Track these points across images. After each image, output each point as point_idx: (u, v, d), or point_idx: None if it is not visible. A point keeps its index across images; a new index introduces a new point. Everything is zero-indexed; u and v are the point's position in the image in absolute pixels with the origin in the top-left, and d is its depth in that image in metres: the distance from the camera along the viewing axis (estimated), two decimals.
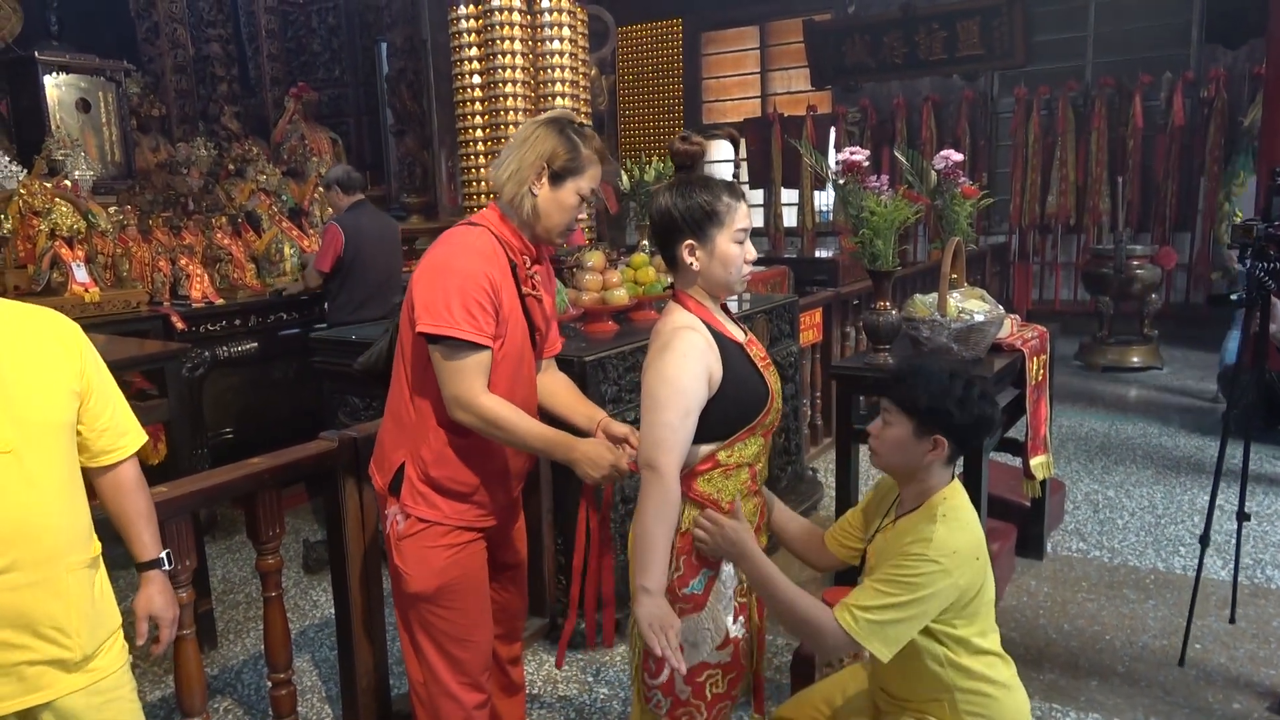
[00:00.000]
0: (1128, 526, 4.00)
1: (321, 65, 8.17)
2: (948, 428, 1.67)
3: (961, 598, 1.64)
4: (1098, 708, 2.68)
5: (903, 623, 1.60)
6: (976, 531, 1.69)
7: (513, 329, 1.93)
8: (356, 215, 4.53)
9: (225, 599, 3.61)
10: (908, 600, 1.59)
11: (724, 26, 10.70)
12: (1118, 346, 7.12)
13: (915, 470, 1.72)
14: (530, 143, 1.92)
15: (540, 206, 1.92)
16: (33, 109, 5.75)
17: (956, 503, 1.70)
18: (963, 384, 1.69)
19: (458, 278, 1.82)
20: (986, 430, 1.74)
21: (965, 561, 1.62)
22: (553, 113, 2.01)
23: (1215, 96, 7.79)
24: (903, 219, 2.84)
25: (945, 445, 1.68)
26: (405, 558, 1.96)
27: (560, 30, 4.25)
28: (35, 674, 1.49)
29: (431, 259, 1.89)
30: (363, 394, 3.58)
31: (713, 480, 1.76)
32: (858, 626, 1.60)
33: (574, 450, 1.89)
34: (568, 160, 1.90)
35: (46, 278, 4.13)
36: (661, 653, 1.61)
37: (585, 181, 1.94)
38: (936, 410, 1.66)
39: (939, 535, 1.62)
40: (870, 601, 1.60)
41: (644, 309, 3.56)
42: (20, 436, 1.46)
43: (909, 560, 1.60)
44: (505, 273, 1.91)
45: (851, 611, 1.61)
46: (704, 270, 1.75)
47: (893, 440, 1.72)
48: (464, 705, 2.02)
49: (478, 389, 1.83)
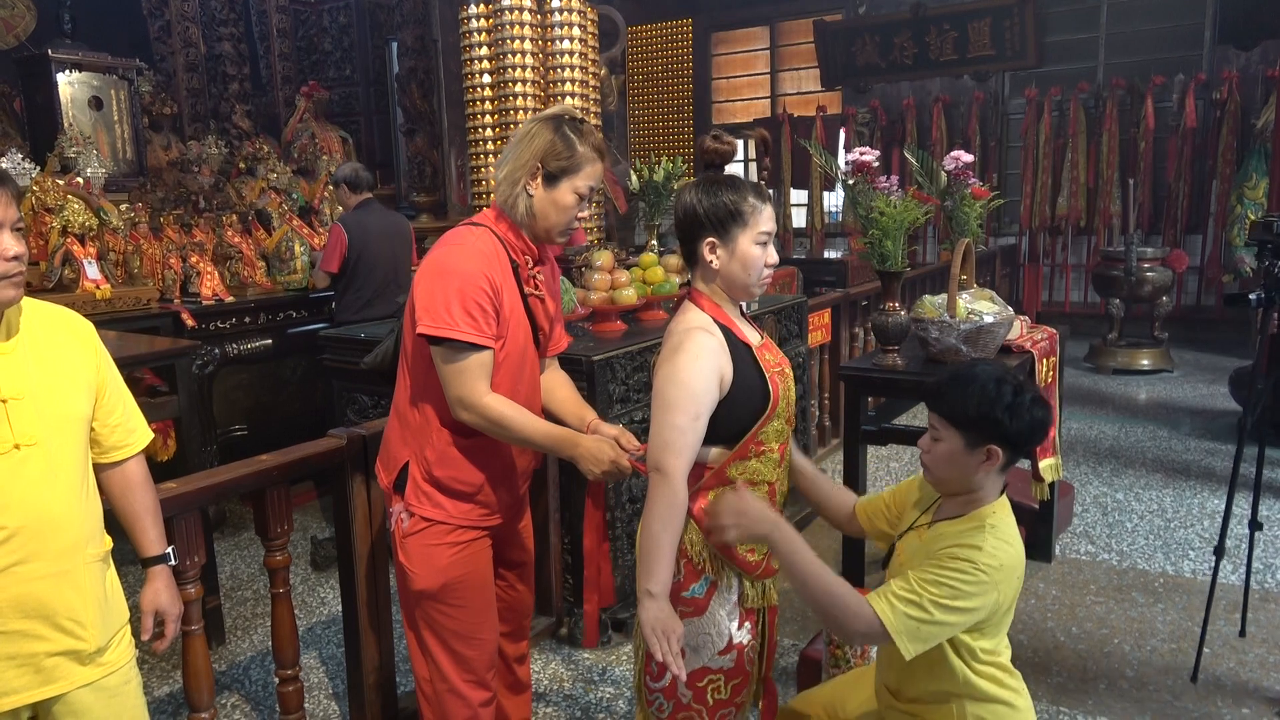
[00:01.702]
0: (1137, 530, 3.98)
1: (332, 64, 8.20)
2: (1000, 436, 1.60)
3: (994, 614, 1.61)
4: (1105, 711, 2.66)
5: (939, 625, 1.55)
6: (1021, 550, 1.64)
7: (514, 329, 1.92)
8: (362, 215, 4.53)
9: (233, 595, 3.62)
10: (950, 605, 1.54)
11: (734, 27, 10.69)
12: (1128, 349, 7.08)
13: (969, 483, 1.66)
14: (526, 141, 1.90)
15: (536, 206, 1.91)
16: (46, 106, 5.78)
17: (1004, 517, 1.65)
18: (1012, 389, 1.61)
19: (457, 279, 1.81)
20: (1042, 434, 1.65)
21: (1009, 578, 1.59)
22: (553, 109, 1.97)
23: (1227, 98, 7.74)
24: (912, 220, 2.83)
25: (1000, 454, 1.61)
26: (410, 556, 1.96)
27: (570, 30, 4.25)
28: (52, 665, 1.51)
29: (431, 261, 1.89)
30: (371, 392, 3.59)
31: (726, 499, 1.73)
32: (894, 618, 1.54)
33: (577, 447, 1.89)
34: (562, 160, 1.88)
35: (58, 274, 4.16)
36: (662, 657, 1.60)
37: (582, 180, 1.91)
38: (987, 419, 1.59)
39: (990, 546, 1.57)
40: (913, 597, 1.55)
41: (652, 309, 3.56)
42: (45, 430, 1.49)
43: (958, 564, 1.55)
44: (507, 273, 1.90)
45: (890, 601, 1.56)
46: (723, 269, 1.74)
47: (944, 455, 1.65)
48: (470, 702, 2.02)
49: (481, 390, 1.83)
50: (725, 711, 1.81)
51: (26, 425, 1.47)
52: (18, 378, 1.48)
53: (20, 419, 1.46)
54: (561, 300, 2.21)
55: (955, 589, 1.54)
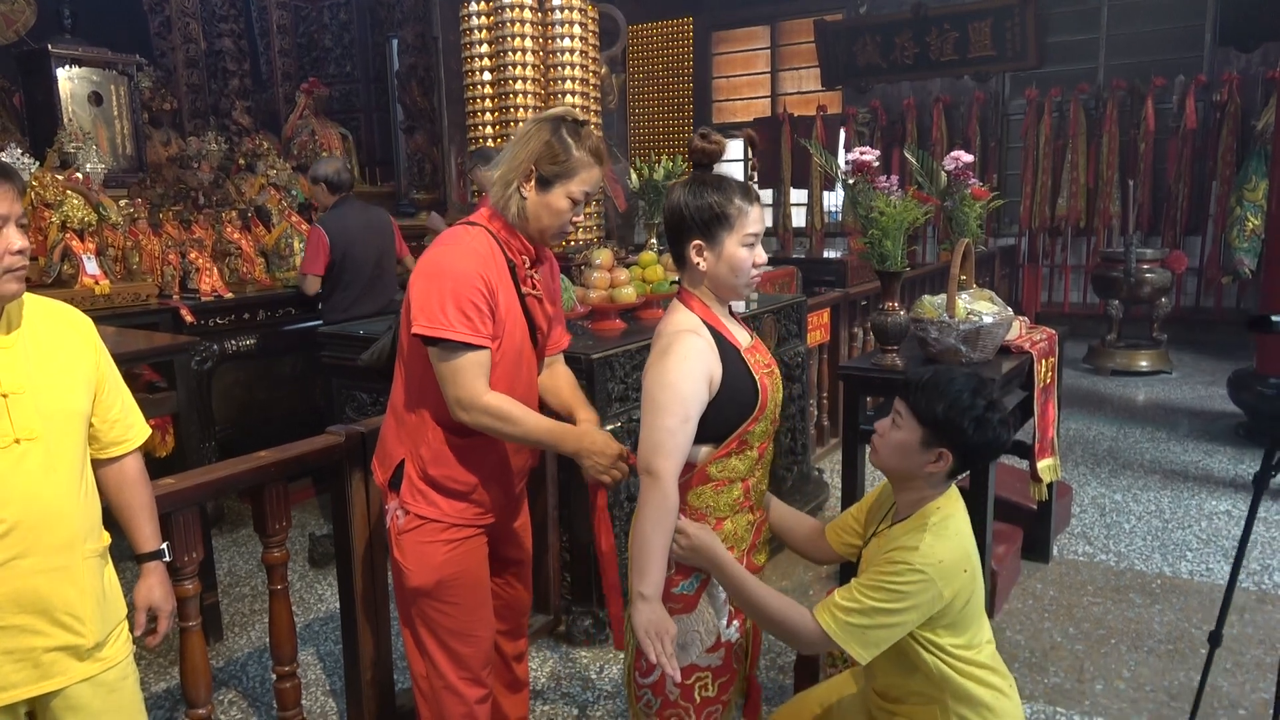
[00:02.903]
0: (1134, 531, 3.98)
1: (333, 61, 8.19)
2: (957, 444, 1.64)
3: (948, 610, 1.62)
4: (1102, 712, 2.67)
5: (883, 628, 1.59)
6: (966, 544, 1.66)
7: (510, 329, 1.91)
8: (341, 214, 4.46)
9: (231, 592, 3.62)
10: (889, 607, 1.57)
11: (735, 26, 10.69)
12: (1126, 350, 7.09)
13: (913, 477, 1.70)
14: (522, 142, 1.88)
15: (529, 209, 1.89)
16: (45, 102, 5.78)
17: (949, 512, 1.68)
18: (985, 404, 1.64)
19: (451, 280, 1.81)
20: (994, 455, 1.70)
21: (951, 573, 1.60)
22: (555, 110, 1.94)
23: (1228, 100, 7.75)
24: (912, 219, 2.83)
25: (949, 460, 1.65)
26: (405, 553, 1.96)
27: (571, 28, 4.26)
28: (50, 660, 1.51)
29: (427, 261, 1.88)
30: (370, 389, 3.59)
31: (703, 495, 1.74)
32: (837, 628, 1.59)
33: (580, 441, 1.89)
34: (556, 163, 1.85)
35: (57, 270, 4.15)
36: (656, 659, 1.60)
37: (576, 185, 1.88)
38: (952, 424, 1.63)
39: (926, 545, 1.60)
40: (852, 604, 1.59)
41: (652, 307, 3.56)
42: (45, 425, 1.49)
43: (894, 567, 1.59)
44: (502, 272, 1.89)
45: (832, 612, 1.60)
46: (711, 271, 1.74)
47: (897, 443, 1.70)
48: (466, 699, 2.02)
49: (480, 388, 1.82)
50: (712, 709, 1.82)
51: (26, 420, 1.47)
52: (18, 372, 1.49)
53: (20, 413, 1.47)
54: (561, 299, 2.20)
55: (891, 590, 1.58)
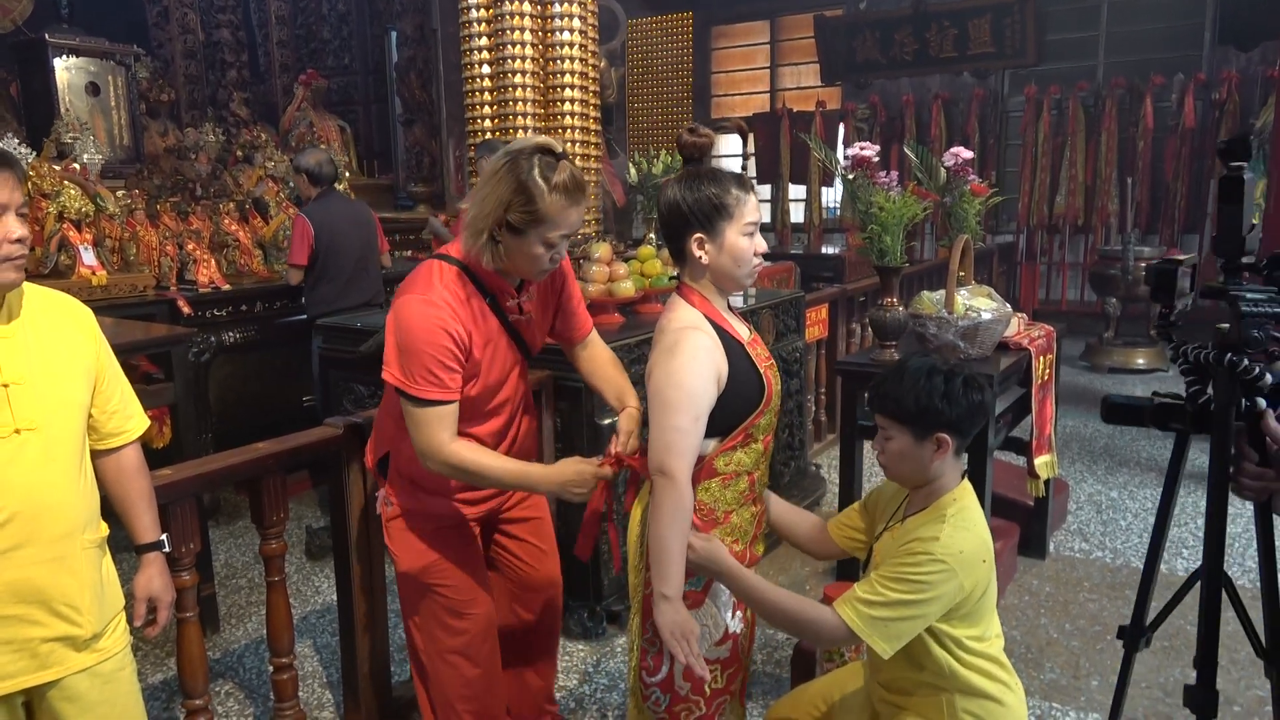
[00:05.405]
0: (1130, 528, 3.99)
1: (331, 53, 8.17)
2: (945, 424, 1.64)
3: (965, 600, 1.62)
4: (1098, 708, 2.67)
5: (906, 620, 1.59)
6: (984, 534, 1.67)
7: (490, 364, 1.90)
8: (325, 205, 4.43)
9: (228, 583, 3.62)
10: (913, 599, 1.58)
11: (734, 21, 10.67)
12: (1124, 348, 7.10)
13: (928, 474, 1.69)
14: (492, 184, 1.77)
15: (504, 253, 1.81)
16: (42, 92, 5.76)
17: (965, 504, 1.68)
18: (943, 377, 1.64)
19: (418, 340, 1.77)
20: (982, 416, 1.69)
21: (971, 564, 1.61)
22: (528, 142, 1.81)
23: (1227, 98, 7.75)
24: (911, 215, 2.83)
25: (949, 441, 1.65)
26: (393, 539, 2.03)
27: (570, 21, 4.24)
28: (47, 650, 1.51)
29: (396, 310, 1.83)
30: (367, 381, 3.58)
31: (710, 490, 1.74)
32: (860, 621, 1.59)
33: (552, 481, 1.87)
34: (526, 212, 1.76)
35: (54, 260, 4.14)
36: (684, 659, 1.61)
37: (551, 230, 1.79)
38: (928, 410, 1.63)
39: (946, 535, 1.60)
40: (875, 597, 1.59)
41: (650, 302, 3.56)
42: (44, 416, 1.49)
43: (915, 558, 1.59)
44: (479, 311, 1.86)
45: (855, 606, 1.60)
46: (713, 264, 1.73)
47: (897, 453, 1.69)
48: (462, 673, 2.06)
49: (443, 439, 1.81)
50: (721, 700, 1.83)
51: (27, 410, 1.47)
52: (18, 362, 1.48)
53: (21, 403, 1.46)
54: (568, 289, 2.19)
55: (914, 582, 1.58)
